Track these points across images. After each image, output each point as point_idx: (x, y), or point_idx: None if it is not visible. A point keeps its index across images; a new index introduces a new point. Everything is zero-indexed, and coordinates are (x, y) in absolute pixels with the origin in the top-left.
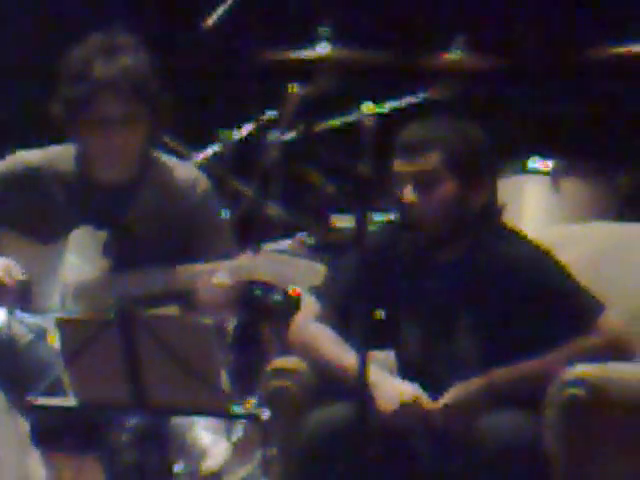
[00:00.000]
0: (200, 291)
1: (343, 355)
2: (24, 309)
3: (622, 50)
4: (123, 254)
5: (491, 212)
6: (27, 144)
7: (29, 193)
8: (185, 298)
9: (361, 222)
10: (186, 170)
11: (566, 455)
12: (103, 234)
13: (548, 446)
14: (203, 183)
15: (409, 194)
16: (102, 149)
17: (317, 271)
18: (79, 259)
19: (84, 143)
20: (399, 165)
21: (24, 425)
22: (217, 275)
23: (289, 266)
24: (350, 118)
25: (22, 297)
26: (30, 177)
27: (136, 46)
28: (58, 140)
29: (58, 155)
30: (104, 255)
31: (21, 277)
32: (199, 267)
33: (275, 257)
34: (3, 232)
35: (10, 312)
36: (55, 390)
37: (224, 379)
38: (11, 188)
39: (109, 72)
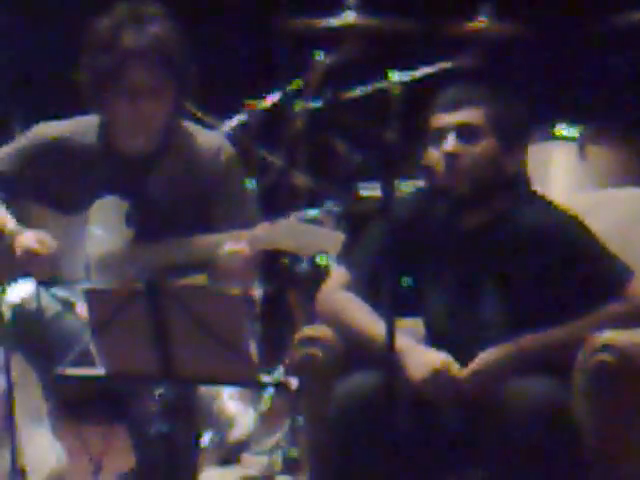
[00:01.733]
0: (221, 260)
1: (371, 323)
2: (52, 281)
3: None
4: (146, 224)
5: (521, 179)
6: (50, 115)
7: (52, 165)
8: (207, 268)
9: (388, 190)
10: (210, 138)
11: (595, 421)
12: (126, 204)
13: (577, 412)
14: (227, 151)
15: (451, 144)
16: (129, 119)
17: (337, 239)
18: (102, 230)
19: (110, 113)
20: (440, 118)
21: (34, 402)
22: (238, 244)
23: (310, 234)
24: (376, 86)
25: (52, 269)
26: (53, 149)
27: (163, 15)
28: (81, 111)
29: (81, 126)
30: (127, 225)
31: (54, 247)
32: (220, 236)
33: (295, 226)
34: (28, 205)
35: (38, 284)
36: (83, 361)
37: (252, 348)
38: (35, 160)
39: (138, 42)
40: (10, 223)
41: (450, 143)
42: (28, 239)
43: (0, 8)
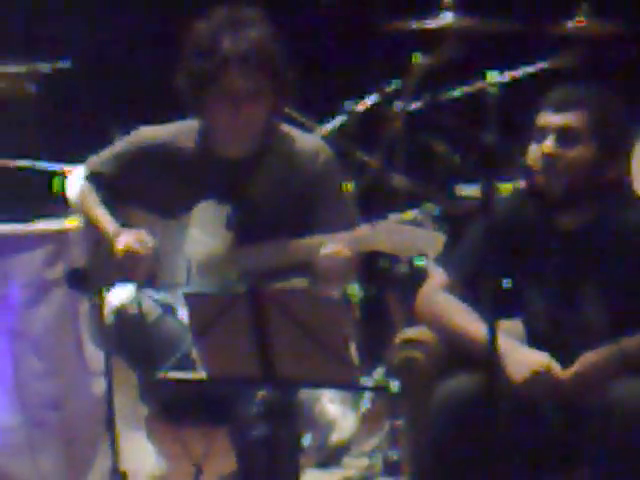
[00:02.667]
0: (321, 262)
1: (472, 325)
2: (152, 284)
3: None
4: (247, 227)
5: (623, 182)
6: (150, 120)
7: (152, 169)
8: (306, 270)
9: (488, 191)
10: (309, 140)
11: None
12: (226, 208)
13: None
14: (325, 153)
15: (551, 145)
16: (228, 123)
17: (437, 240)
18: (203, 233)
19: (210, 117)
20: (545, 117)
21: (133, 406)
22: (337, 246)
23: (409, 236)
24: (475, 87)
25: (152, 270)
26: (154, 153)
27: (262, 19)
28: (180, 116)
29: (181, 131)
30: (227, 228)
31: (154, 247)
32: (320, 238)
33: (395, 227)
34: (127, 209)
35: (139, 288)
36: (184, 364)
37: (352, 351)
38: (135, 164)
39: (237, 46)
40: (111, 224)
41: (548, 145)
42: (129, 239)
43: (101, 12)
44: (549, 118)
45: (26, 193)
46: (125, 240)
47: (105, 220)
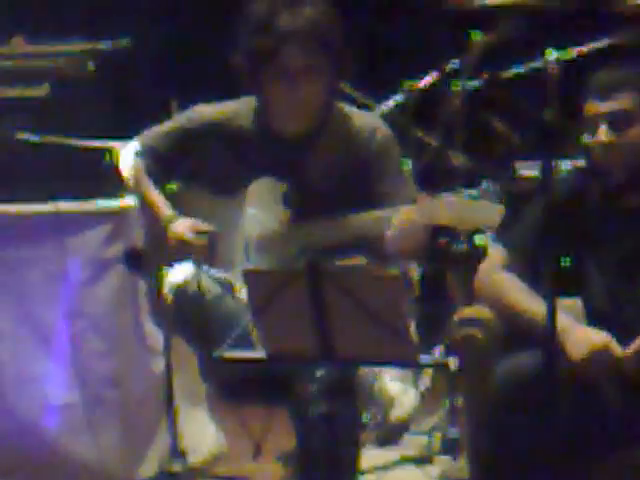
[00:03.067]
0: (392, 236)
1: (531, 303)
2: (211, 264)
3: None
4: (304, 205)
5: None
6: (208, 98)
7: (210, 146)
8: (364, 247)
9: (547, 170)
10: (366, 118)
11: None
12: (282, 185)
13: None
14: (383, 131)
15: (604, 134)
16: (286, 100)
17: (497, 212)
18: (260, 211)
19: (267, 95)
20: (592, 106)
21: (193, 385)
22: (407, 215)
23: (469, 208)
24: (534, 65)
25: (210, 253)
26: (211, 131)
27: None
28: (238, 94)
29: (238, 109)
30: (284, 206)
31: (208, 233)
32: (380, 213)
33: (454, 200)
34: (185, 188)
35: (198, 266)
36: (243, 343)
37: (411, 329)
38: (192, 141)
39: (294, 23)
40: (165, 208)
41: (602, 133)
42: (183, 228)
43: None
44: (597, 107)
45: (86, 171)
46: (179, 229)
47: (159, 203)
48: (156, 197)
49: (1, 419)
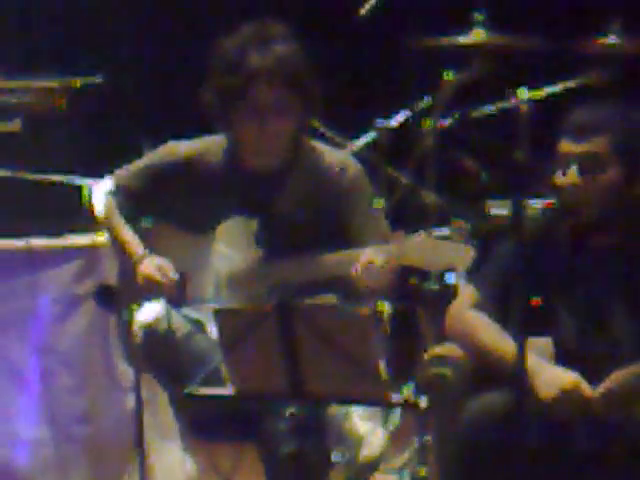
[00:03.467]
0: (359, 275)
1: (501, 342)
2: (180, 302)
3: None
4: (275, 242)
5: None
6: (179, 135)
7: (180, 184)
8: (336, 286)
9: (518, 208)
10: (336, 155)
11: None
12: (253, 223)
13: None
14: (354, 168)
15: (573, 175)
16: (256, 137)
17: (467, 254)
18: (230, 249)
19: (237, 132)
20: (566, 146)
21: (164, 420)
22: (378, 257)
23: (440, 249)
24: (506, 104)
25: (178, 292)
26: (181, 168)
27: (288, 35)
28: (208, 131)
29: (209, 146)
30: (255, 244)
31: (175, 277)
32: (351, 252)
33: (426, 240)
34: (156, 225)
35: (168, 304)
36: (213, 380)
37: (382, 367)
38: (163, 178)
39: (264, 62)
40: (136, 246)
41: (573, 175)
42: (150, 267)
43: (132, 29)
44: (570, 147)
45: (58, 207)
46: (147, 268)
47: (130, 241)
48: (127, 235)
49: None
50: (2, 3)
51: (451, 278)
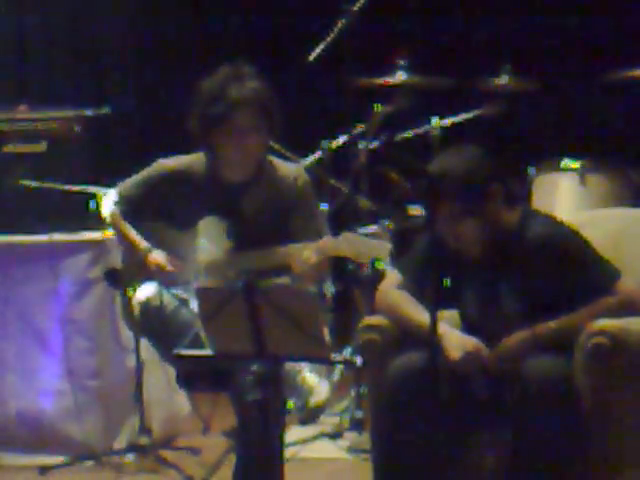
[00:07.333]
0: (294, 266)
1: (418, 314)
2: (171, 283)
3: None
4: (242, 237)
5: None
6: (169, 151)
7: (170, 191)
8: (287, 270)
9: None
10: (290, 168)
11: (592, 390)
12: (226, 222)
13: (578, 383)
14: (303, 177)
15: (446, 225)
16: (235, 154)
17: (385, 248)
18: (208, 242)
19: (219, 150)
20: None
21: (171, 372)
22: (306, 253)
23: (364, 245)
24: (422, 130)
25: (175, 278)
26: (170, 179)
27: (257, 74)
28: (187, 150)
29: (192, 161)
30: (227, 238)
31: (178, 265)
32: (294, 247)
33: (353, 237)
34: (154, 224)
35: (160, 285)
36: (195, 344)
37: (325, 334)
38: (157, 187)
39: (242, 93)
40: (142, 242)
41: (444, 225)
42: (159, 257)
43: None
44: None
45: (75, 210)
46: (156, 258)
47: (136, 238)
48: (133, 235)
49: (6, 401)
50: (28, 46)
51: (380, 264)
